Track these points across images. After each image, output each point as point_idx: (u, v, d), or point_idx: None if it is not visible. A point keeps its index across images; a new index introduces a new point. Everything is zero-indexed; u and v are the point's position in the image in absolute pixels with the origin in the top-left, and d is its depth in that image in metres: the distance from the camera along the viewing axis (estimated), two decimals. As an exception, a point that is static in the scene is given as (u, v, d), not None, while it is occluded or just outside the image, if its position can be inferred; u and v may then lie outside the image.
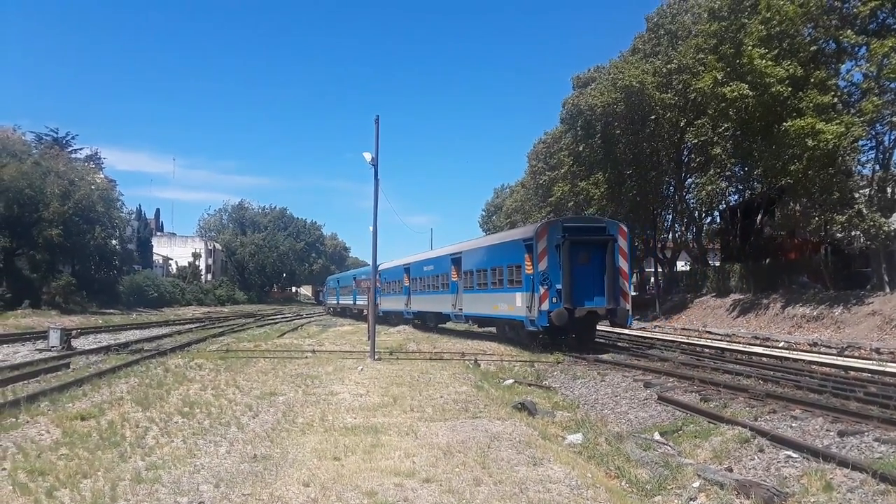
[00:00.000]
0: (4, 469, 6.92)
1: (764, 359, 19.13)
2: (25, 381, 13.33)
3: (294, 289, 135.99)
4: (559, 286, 20.61)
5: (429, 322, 34.49)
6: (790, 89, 27.34)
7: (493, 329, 27.37)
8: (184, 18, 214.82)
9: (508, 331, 24.83)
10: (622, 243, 21.74)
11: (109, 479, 6.56)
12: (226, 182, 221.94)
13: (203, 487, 6.35)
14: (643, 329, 34.22)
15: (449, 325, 32.84)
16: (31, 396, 10.93)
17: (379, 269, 39.97)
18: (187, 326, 36.56)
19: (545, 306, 20.65)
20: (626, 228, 22.85)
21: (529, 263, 21.54)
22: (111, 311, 49.75)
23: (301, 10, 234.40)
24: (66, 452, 7.62)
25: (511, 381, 15.75)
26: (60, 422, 9.24)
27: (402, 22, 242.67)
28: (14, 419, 9.36)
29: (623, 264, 21.70)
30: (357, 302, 53.29)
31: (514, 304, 22.55)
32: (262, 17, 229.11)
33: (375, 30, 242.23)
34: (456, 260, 29.30)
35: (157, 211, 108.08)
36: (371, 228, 21.26)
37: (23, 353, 19.85)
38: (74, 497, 6.07)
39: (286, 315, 60.41)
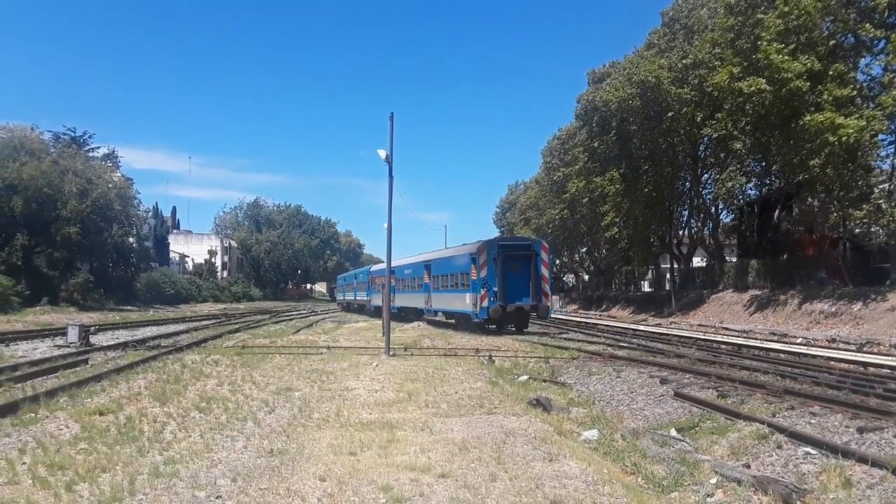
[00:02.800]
0: (25, 463, 6.99)
1: (782, 355, 18.97)
2: (45, 377, 13.46)
3: (309, 286, 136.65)
4: (495, 289, 27.09)
5: (409, 316, 39.68)
6: (808, 84, 27.03)
7: (452, 320, 33.65)
8: (199, 20, 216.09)
9: (463, 322, 30.76)
10: (544, 257, 28.34)
11: (128, 473, 6.61)
12: (241, 180, 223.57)
13: (220, 482, 6.39)
14: (658, 325, 34.05)
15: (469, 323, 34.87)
16: (51, 392, 11.02)
17: (371, 269, 51.98)
18: (204, 323, 36.84)
19: (485, 303, 27.10)
20: (547, 245, 30.18)
21: (475, 272, 27.82)
22: (128, 307, 50.20)
23: (315, 9, 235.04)
24: (84, 447, 7.68)
25: (525, 377, 15.72)
26: (79, 417, 9.32)
27: (415, 19, 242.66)
28: (34, 414, 9.45)
29: (544, 272, 28.33)
30: (357, 297, 59.98)
31: (465, 302, 29.04)
32: (277, 16, 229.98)
33: (389, 27, 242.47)
34: (427, 266, 35.57)
35: (174, 209, 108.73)
36: (385, 226, 21.27)
37: (42, 349, 20.04)
38: (94, 491, 6.12)
39: (301, 312, 60.68)
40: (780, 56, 27.20)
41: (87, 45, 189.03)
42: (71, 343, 20.06)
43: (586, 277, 77.21)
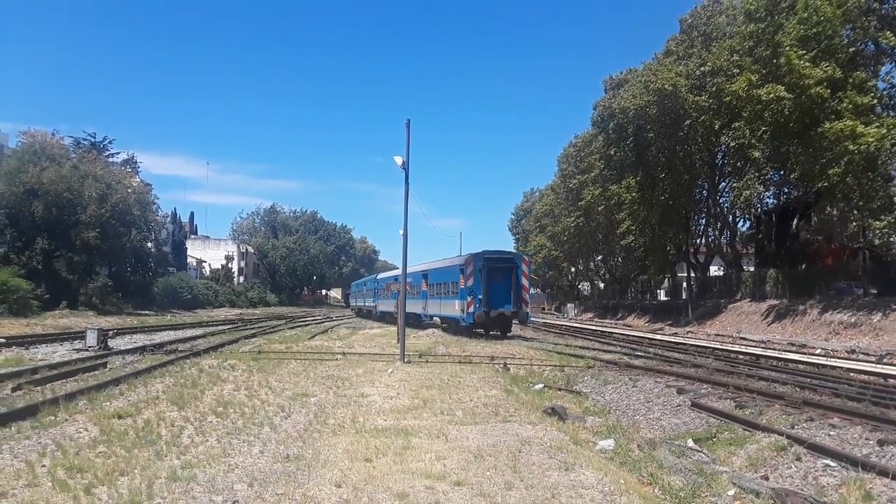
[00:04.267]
0: (44, 466, 7.04)
1: (800, 366, 18.77)
2: (64, 380, 13.56)
3: (324, 291, 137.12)
4: (480, 296, 29.64)
5: (408, 321, 41.89)
6: (828, 91, 26.81)
7: (445, 324, 35.95)
8: (217, 27, 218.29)
9: (453, 325, 33.26)
10: (524, 269, 31.04)
11: (146, 476, 6.65)
12: (258, 186, 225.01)
13: (237, 486, 6.42)
14: (675, 335, 33.81)
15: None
16: (70, 395, 11.10)
17: (378, 277, 55.93)
18: (220, 328, 37.02)
19: (471, 309, 29.76)
20: (527, 259, 34.49)
21: (463, 281, 30.52)
22: (146, 312, 50.63)
23: (332, 16, 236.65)
24: (103, 450, 7.73)
25: (541, 385, 15.66)
26: (98, 420, 9.39)
27: (432, 26, 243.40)
28: (53, 417, 9.52)
29: (524, 282, 30.99)
30: (366, 303, 62.75)
31: (455, 308, 31.98)
32: (294, 22, 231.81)
33: (405, 34, 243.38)
34: (425, 275, 37.91)
35: (192, 214, 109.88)
36: (402, 232, 21.33)
37: (61, 352, 20.21)
38: (112, 494, 6.15)
39: (316, 317, 60.90)
40: (802, 62, 27.00)
41: (107, 52, 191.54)
42: (89, 347, 20.23)
43: (601, 286, 76.86)
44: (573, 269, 79.79)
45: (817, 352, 22.71)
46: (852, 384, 14.63)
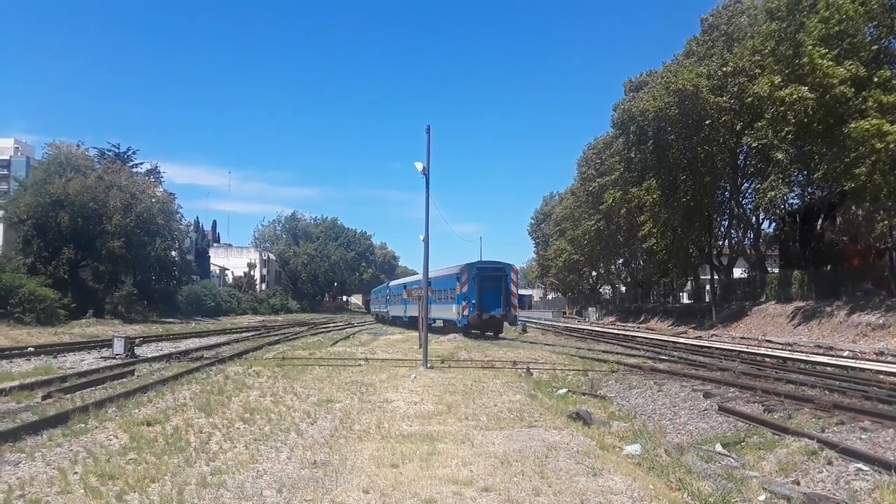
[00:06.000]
0: (76, 473, 7.14)
1: (829, 368, 18.49)
2: (93, 388, 13.75)
3: (345, 298, 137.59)
4: (474, 301, 33.58)
5: (416, 324, 47.71)
6: (852, 90, 26.45)
7: (444, 325, 40.06)
8: (237, 37, 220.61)
9: (451, 326, 36.99)
10: (513, 277, 35.51)
11: (176, 483, 6.72)
12: (279, 194, 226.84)
13: (266, 492, 6.46)
14: (699, 338, 33.48)
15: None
16: (99, 402, 11.25)
17: (390, 284, 63.53)
18: (244, 335, 37.30)
19: (466, 312, 34.01)
20: (516, 267, 38.17)
21: (459, 287, 34.60)
22: (171, 319, 51.15)
23: (351, 24, 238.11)
24: (133, 457, 7.82)
25: (564, 390, 15.59)
26: (128, 427, 9.50)
27: (450, 30, 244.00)
28: (83, 424, 9.65)
29: (513, 289, 35.33)
30: (381, 309, 66.72)
31: (452, 312, 35.98)
32: (313, 31, 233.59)
33: (424, 39, 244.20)
34: (430, 282, 40.52)
35: (214, 223, 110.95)
36: (422, 237, 21.34)
37: (89, 360, 20.46)
38: (143, 501, 6.22)
39: (338, 324, 61.12)
40: (825, 61, 26.66)
41: (131, 64, 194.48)
42: (117, 355, 20.46)
43: (623, 289, 76.34)
44: (594, 273, 79.33)
45: (845, 354, 22.35)
46: (882, 386, 14.39)
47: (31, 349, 22.93)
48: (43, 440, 8.66)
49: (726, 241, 48.98)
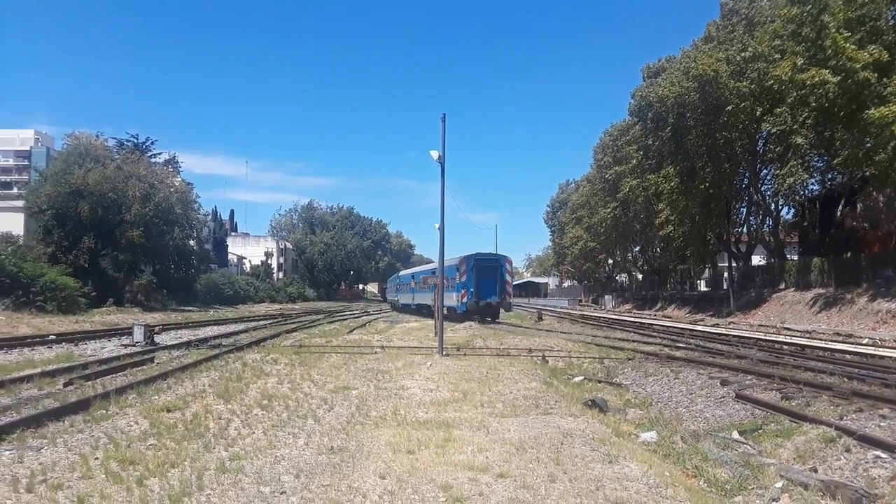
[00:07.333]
0: (97, 458, 7.23)
1: (847, 356, 18.30)
2: (113, 375, 13.91)
3: (361, 286, 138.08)
4: (472, 289, 37.39)
5: (422, 311, 49.09)
6: (875, 75, 26.01)
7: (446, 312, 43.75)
8: (254, 28, 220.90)
9: (451, 313, 37.81)
10: (508, 267, 39.65)
11: (195, 468, 6.80)
12: (295, 183, 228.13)
13: (284, 478, 6.53)
14: (717, 326, 33.27)
15: (512, 320, 41.12)
16: (120, 389, 11.39)
17: (399, 274, 71.29)
18: (261, 323, 37.61)
19: (465, 300, 37.73)
20: (511, 259, 41.93)
21: (458, 277, 38.11)
22: (189, 308, 51.62)
23: (366, 13, 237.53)
24: (153, 443, 7.93)
25: (580, 377, 15.59)
26: (148, 413, 9.63)
27: (465, 18, 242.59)
28: (104, 411, 9.77)
29: (508, 278, 39.48)
30: (394, 297, 71.21)
31: (453, 299, 38.32)
32: (329, 21, 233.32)
33: (439, 28, 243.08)
34: (433, 272, 42.78)
35: (232, 212, 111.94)
36: (438, 226, 21.37)
37: (109, 348, 20.70)
38: (163, 485, 6.31)
39: (354, 312, 61.43)
40: (849, 44, 26.23)
41: (149, 55, 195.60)
42: (137, 342, 20.70)
43: (640, 277, 75.97)
44: (610, 261, 78.98)
45: (865, 341, 22.11)
46: (903, 374, 14.22)
47: (53, 337, 23.24)
48: (65, 426, 8.78)
49: (745, 227, 48.53)
